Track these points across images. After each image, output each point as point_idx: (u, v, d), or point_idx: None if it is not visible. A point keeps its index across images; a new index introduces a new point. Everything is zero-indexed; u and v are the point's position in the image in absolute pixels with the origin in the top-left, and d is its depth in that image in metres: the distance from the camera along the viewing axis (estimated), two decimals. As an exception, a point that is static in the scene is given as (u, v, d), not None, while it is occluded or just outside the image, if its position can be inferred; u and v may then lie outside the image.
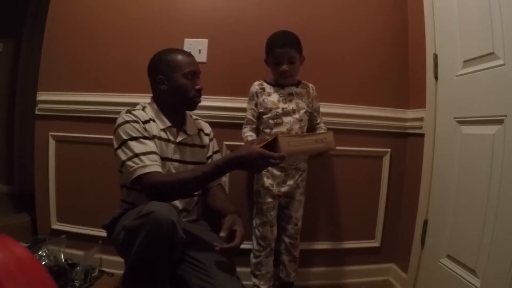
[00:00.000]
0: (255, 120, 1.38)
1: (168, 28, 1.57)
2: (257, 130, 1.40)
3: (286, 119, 1.32)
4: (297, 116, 1.33)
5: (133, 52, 1.56)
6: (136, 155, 0.99)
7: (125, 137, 1.02)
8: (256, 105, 1.36)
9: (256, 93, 1.36)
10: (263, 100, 1.34)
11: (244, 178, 1.55)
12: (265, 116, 1.34)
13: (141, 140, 1.03)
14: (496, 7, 1.08)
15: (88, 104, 1.57)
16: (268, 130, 1.33)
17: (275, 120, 1.32)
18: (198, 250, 1.03)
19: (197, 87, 1.13)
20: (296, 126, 1.33)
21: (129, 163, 0.99)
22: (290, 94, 1.35)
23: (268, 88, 1.36)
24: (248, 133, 1.35)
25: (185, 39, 1.56)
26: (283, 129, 1.31)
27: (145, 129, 1.06)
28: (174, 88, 1.11)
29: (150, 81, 1.17)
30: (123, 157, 1.01)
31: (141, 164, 0.98)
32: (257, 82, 1.38)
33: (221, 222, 1.12)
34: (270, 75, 1.38)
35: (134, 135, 1.03)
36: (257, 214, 1.36)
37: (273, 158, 0.94)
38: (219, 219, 1.15)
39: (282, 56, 1.28)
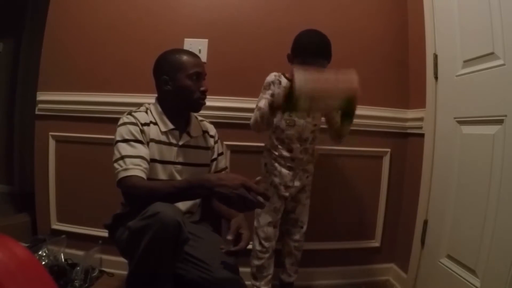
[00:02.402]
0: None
1: (168, 28, 1.57)
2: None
3: (298, 122, 1.28)
4: (309, 119, 1.30)
5: (133, 52, 1.56)
6: (122, 158, 0.99)
7: (117, 139, 1.03)
8: (272, 95, 1.25)
9: (273, 82, 1.27)
10: (278, 93, 1.24)
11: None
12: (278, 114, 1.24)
13: (131, 143, 1.02)
14: (496, 7, 1.08)
15: (88, 104, 1.57)
16: (279, 131, 1.29)
17: (287, 122, 1.28)
18: (201, 250, 1.03)
19: (202, 88, 1.11)
20: (309, 130, 1.30)
21: (115, 165, 0.99)
22: None
23: (284, 83, 1.27)
24: (266, 96, 1.22)
25: (185, 39, 1.56)
26: (294, 132, 1.28)
27: (143, 132, 1.05)
28: (178, 89, 1.09)
29: (155, 81, 1.16)
30: (113, 158, 1.01)
31: (124, 167, 0.97)
32: (274, 73, 1.29)
33: (222, 224, 1.11)
34: (290, 70, 1.27)
35: (127, 137, 1.02)
36: (264, 214, 1.33)
37: (257, 192, 0.85)
38: (219, 221, 1.15)
39: (314, 65, 1.19)
